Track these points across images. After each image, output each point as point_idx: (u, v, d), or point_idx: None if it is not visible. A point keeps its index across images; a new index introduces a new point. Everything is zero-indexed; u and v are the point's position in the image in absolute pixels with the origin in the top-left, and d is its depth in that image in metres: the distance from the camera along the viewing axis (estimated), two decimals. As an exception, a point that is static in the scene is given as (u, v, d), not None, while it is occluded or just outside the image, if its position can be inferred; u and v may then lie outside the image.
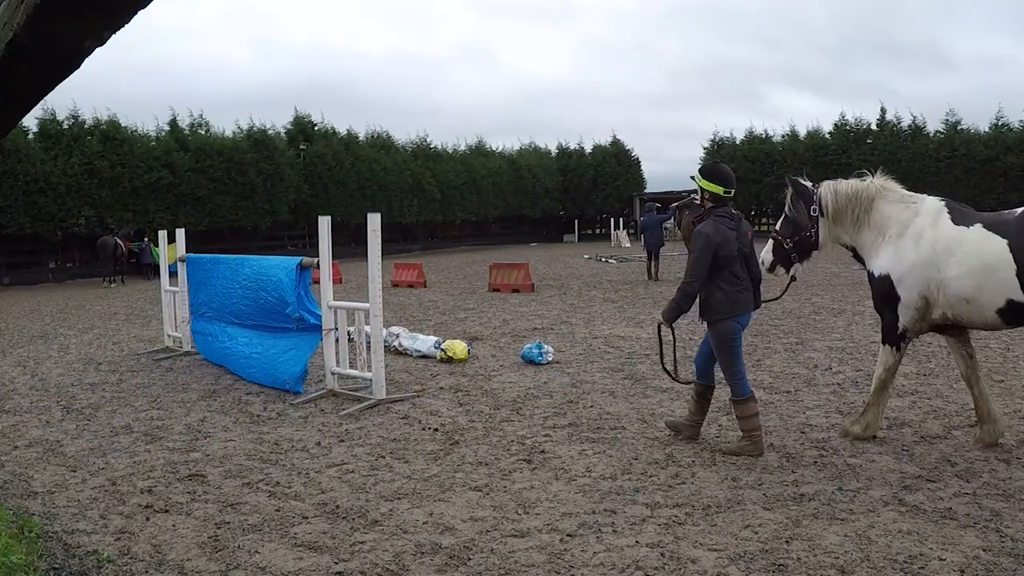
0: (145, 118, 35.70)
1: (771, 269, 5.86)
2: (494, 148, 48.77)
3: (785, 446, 5.57)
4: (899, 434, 5.75)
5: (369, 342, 7.40)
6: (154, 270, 25.37)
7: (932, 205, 5.34)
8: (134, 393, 8.11)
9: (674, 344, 5.68)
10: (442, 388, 7.87)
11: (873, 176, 5.60)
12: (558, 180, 51.18)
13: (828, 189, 5.67)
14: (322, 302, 7.76)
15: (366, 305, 7.42)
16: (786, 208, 5.81)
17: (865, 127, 43.23)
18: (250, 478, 5.25)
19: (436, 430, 6.29)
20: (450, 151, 44.96)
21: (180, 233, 11.01)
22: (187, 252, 10.52)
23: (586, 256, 31.40)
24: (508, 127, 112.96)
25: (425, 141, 43.62)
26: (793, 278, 5.93)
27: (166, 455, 5.84)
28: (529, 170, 48.07)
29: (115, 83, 67.96)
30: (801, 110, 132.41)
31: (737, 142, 47.49)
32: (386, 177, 38.69)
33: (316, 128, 38.23)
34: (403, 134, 56.39)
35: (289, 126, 37.53)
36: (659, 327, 5.63)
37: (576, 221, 50.78)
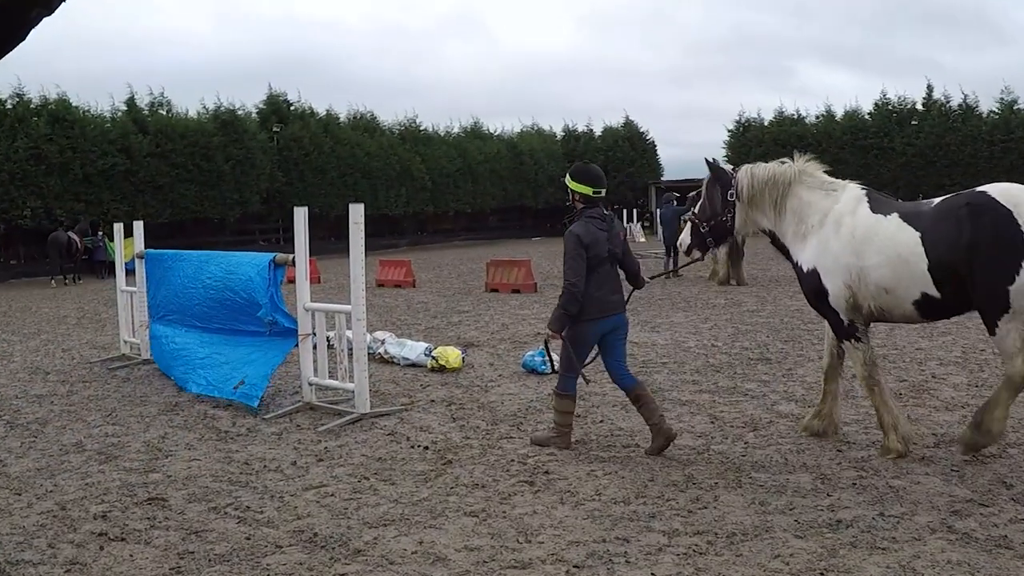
0: (99, 97, 36.09)
1: (688, 252, 6.46)
2: (491, 130, 48.87)
3: (820, 466, 5.58)
4: (948, 452, 5.76)
5: (351, 349, 7.41)
6: (108, 268, 25.35)
7: (852, 192, 5.85)
8: (86, 407, 8.11)
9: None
10: (433, 401, 7.88)
11: (794, 161, 6.08)
12: (563, 166, 51.08)
13: (745, 173, 6.15)
14: (298, 304, 7.76)
15: (348, 307, 7.43)
16: (703, 192, 6.40)
17: (909, 107, 43.27)
18: (217, 502, 5.25)
19: (426, 448, 6.29)
20: (442, 134, 44.98)
21: (138, 226, 11.00)
22: (146, 248, 10.52)
23: (595, 252, 31.33)
24: (507, 107, 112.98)
25: (414, 122, 43.66)
26: (699, 258, 6.53)
27: (122, 476, 5.84)
28: (531, 155, 48.08)
29: (65, 57, 68.03)
30: (836, 87, 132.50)
31: (765, 123, 47.50)
32: (370, 163, 38.71)
33: (292, 108, 38.24)
34: (389, 115, 56.61)
35: (261, 106, 37.56)
36: (546, 341, 6.32)
37: (584, 213, 50.67)
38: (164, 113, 32.88)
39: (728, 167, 6.30)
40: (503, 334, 11.86)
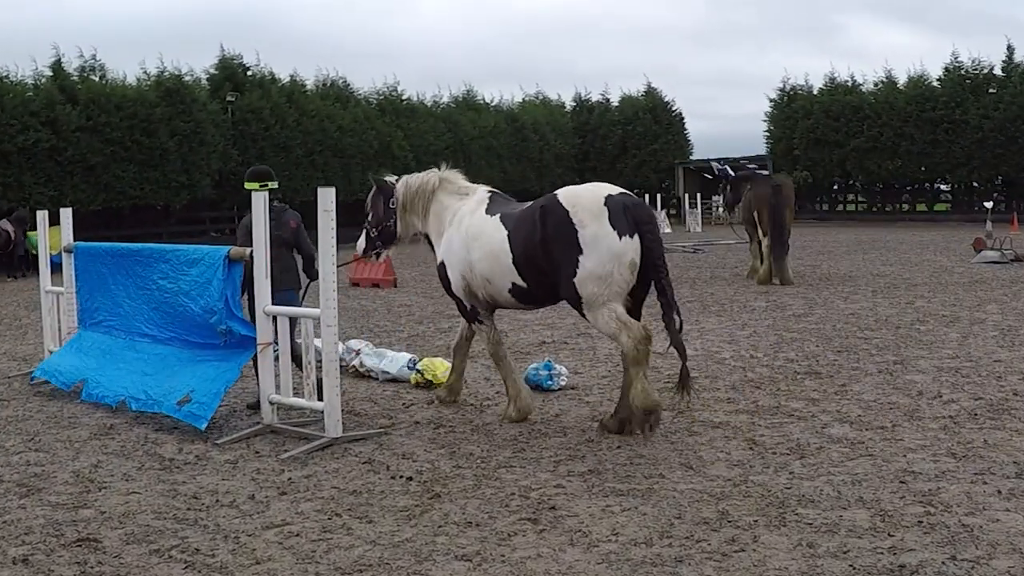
0: (19, 60, 35.85)
1: (364, 255, 8.87)
2: (487, 100, 48.88)
3: (879, 500, 5.58)
4: (1032, 484, 5.76)
5: (320, 361, 7.41)
6: (28, 264, 25.25)
7: (479, 195, 7.99)
8: (4, 429, 8.12)
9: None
10: (418, 423, 7.89)
11: (440, 168, 8.39)
12: (574, 143, 51.22)
13: (402, 183, 8.41)
14: (257, 307, 7.77)
15: (316, 311, 7.43)
16: (367, 203, 8.62)
17: (986, 72, 43.23)
18: (160, 543, 5.26)
19: (410, 479, 6.30)
20: (428, 104, 45.00)
21: (66, 214, 11.00)
22: (75, 239, 10.51)
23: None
24: (505, 72, 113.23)
25: (395, 91, 43.67)
26: (376, 255, 8.93)
27: (47, 513, 5.85)
28: (535, 129, 48.09)
29: (-22, 13, 67.96)
30: (895, 48, 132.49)
31: (814, 91, 47.49)
32: (343, 139, 38.72)
33: (249, 74, 38.22)
34: (365, 81, 56.43)
35: (213, 71, 37.52)
36: None
37: (598, 198, 50.77)
38: (97, 80, 32.79)
39: (392, 179, 8.55)
40: (501, 343, 11.86)
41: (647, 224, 7.01)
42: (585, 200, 7.00)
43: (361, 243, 8.72)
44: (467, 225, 7.75)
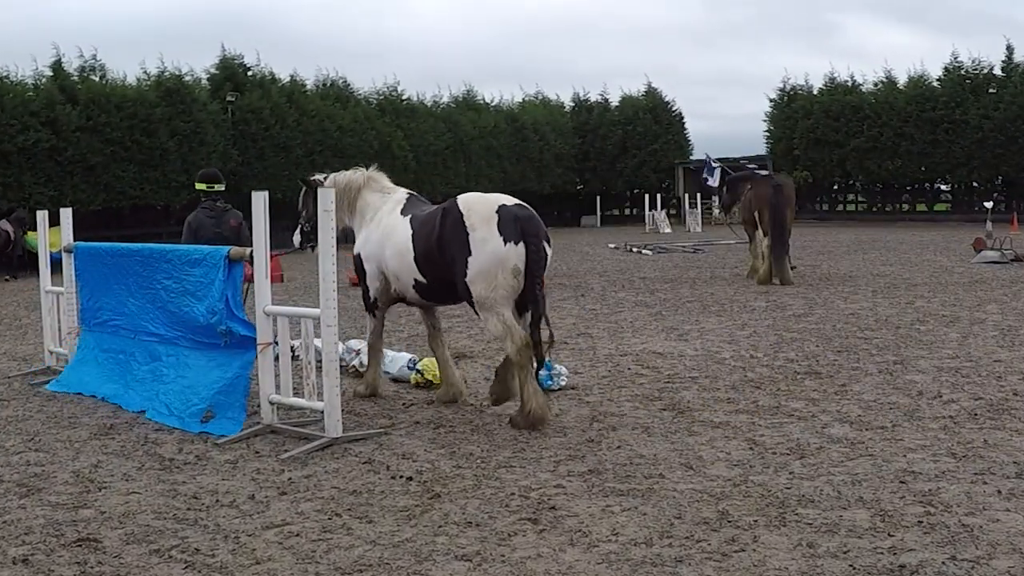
0: (19, 60, 35.84)
1: (301, 247, 9.59)
2: (487, 100, 48.91)
3: (879, 500, 5.59)
4: (1032, 484, 5.77)
5: (320, 361, 7.42)
6: (26, 264, 25.22)
7: (398, 196, 8.73)
8: (4, 429, 8.12)
9: None
10: (418, 423, 7.89)
11: (368, 169, 9.14)
12: (574, 143, 51.22)
13: (330, 180, 8.98)
14: (257, 307, 7.77)
15: (316, 311, 7.43)
16: (300, 201, 9.48)
17: (986, 72, 43.25)
18: (160, 543, 5.26)
19: (410, 479, 6.31)
20: (428, 104, 45.03)
21: (66, 214, 11.01)
22: (75, 239, 10.51)
23: (612, 245, 31.41)
24: (505, 72, 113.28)
25: (395, 91, 43.71)
26: (311, 248, 9.08)
27: (47, 512, 5.85)
28: (535, 130, 48.11)
29: (-22, 13, 67.94)
30: (894, 48, 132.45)
31: (814, 91, 47.51)
32: (343, 139, 38.72)
33: (249, 74, 38.23)
34: (365, 81, 56.43)
35: (213, 71, 37.53)
36: None
37: (598, 198, 50.94)
38: (97, 80, 32.80)
39: (320, 176, 9.20)
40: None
41: (533, 236, 7.45)
42: (479, 207, 7.54)
43: (297, 237, 9.54)
44: (384, 224, 8.39)
